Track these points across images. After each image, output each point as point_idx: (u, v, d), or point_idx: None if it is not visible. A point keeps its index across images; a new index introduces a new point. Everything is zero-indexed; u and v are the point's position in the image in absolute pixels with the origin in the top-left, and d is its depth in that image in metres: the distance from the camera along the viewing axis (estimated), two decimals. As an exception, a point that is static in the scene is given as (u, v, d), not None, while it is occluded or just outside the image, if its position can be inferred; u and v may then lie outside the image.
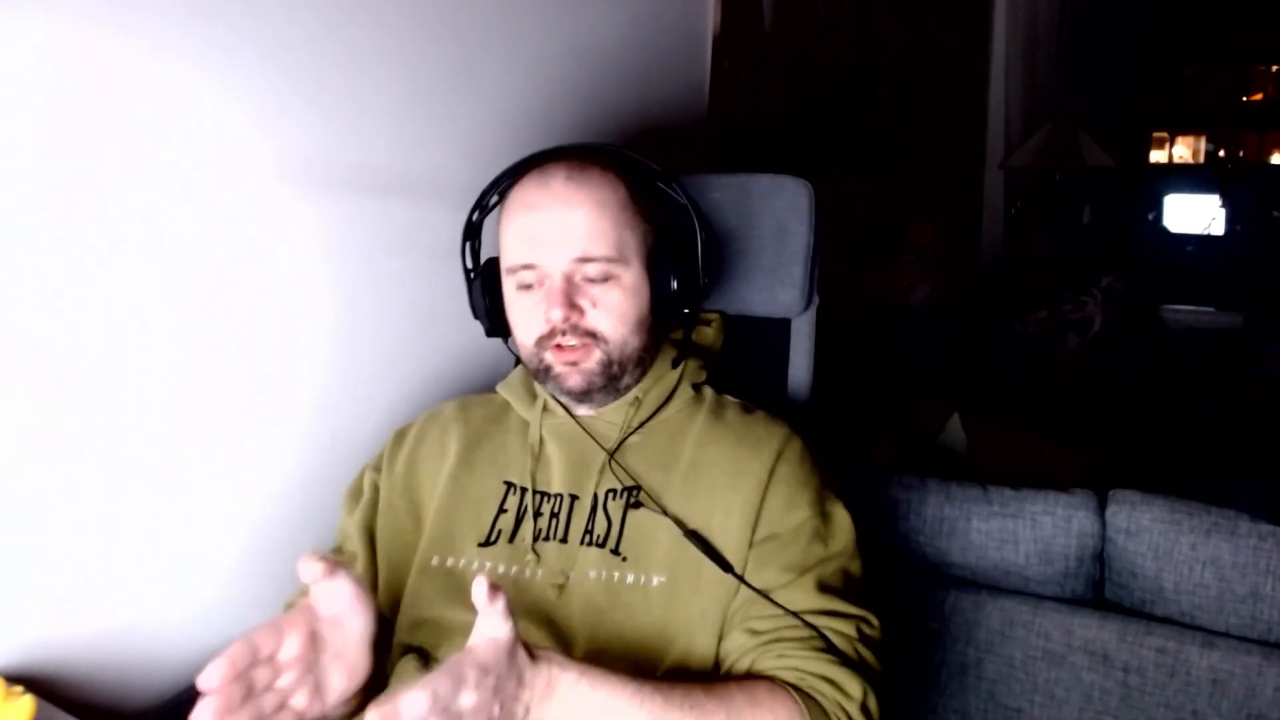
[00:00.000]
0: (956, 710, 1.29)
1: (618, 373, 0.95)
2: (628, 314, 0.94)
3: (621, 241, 0.93)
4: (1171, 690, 1.15)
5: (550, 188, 0.93)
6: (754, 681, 0.82)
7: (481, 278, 1.03)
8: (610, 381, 0.95)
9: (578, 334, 0.93)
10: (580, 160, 0.96)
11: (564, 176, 0.93)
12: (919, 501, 1.31)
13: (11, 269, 0.88)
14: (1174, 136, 5.67)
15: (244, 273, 1.07)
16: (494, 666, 0.68)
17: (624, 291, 0.94)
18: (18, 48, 0.86)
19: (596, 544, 0.92)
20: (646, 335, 0.97)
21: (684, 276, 0.97)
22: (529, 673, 0.71)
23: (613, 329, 0.94)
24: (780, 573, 0.87)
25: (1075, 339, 2.71)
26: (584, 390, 0.95)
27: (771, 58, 2.60)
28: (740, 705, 0.79)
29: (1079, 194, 4.24)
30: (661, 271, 0.97)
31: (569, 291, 0.92)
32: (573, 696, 0.73)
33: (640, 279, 0.95)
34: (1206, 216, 5.35)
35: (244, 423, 1.10)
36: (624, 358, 0.95)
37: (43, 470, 0.93)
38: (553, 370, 0.95)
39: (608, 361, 0.94)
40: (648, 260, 0.96)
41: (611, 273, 0.93)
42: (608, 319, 0.93)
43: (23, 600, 0.93)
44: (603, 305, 0.93)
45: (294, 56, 1.08)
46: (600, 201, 0.93)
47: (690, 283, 0.98)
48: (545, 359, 0.95)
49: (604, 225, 0.92)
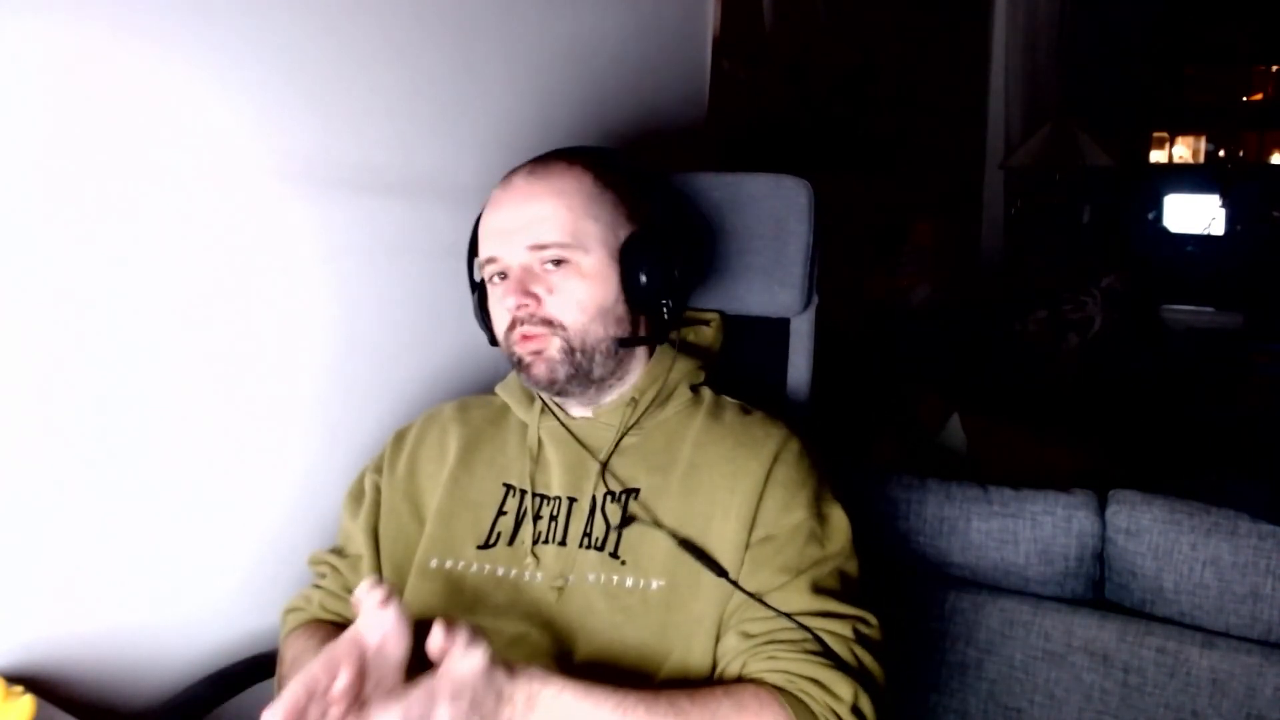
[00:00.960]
0: (956, 710, 1.29)
1: (583, 361, 0.95)
2: (586, 301, 0.94)
3: (578, 229, 0.94)
4: (1171, 690, 1.15)
5: (511, 184, 0.97)
6: (740, 686, 0.82)
7: (481, 289, 1.04)
8: (577, 371, 0.95)
9: (535, 323, 0.94)
10: (547, 158, 0.98)
11: (526, 173, 0.97)
12: (919, 501, 1.31)
13: (12, 270, 0.88)
14: (1174, 136, 5.66)
15: (244, 273, 1.07)
16: (468, 687, 0.69)
17: (582, 278, 0.94)
18: (18, 48, 0.86)
19: (595, 547, 0.92)
20: (614, 325, 0.96)
21: (655, 268, 0.96)
22: (508, 689, 0.72)
23: (571, 317, 0.94)
24: (776, 574, 0.87)
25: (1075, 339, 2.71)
26: (550, 380, 0.95)
27: (771, 58, 2.60)
28: (726, 711, 0.78)
29: (1079, 194, 4.23)
30: (633, 261, 0.96)
31: (524, 280, 0.93)
32: (556, 709, 0.74)
33: (605, 267, 0.95)
34: (1206, 216, 5.35)
35: (244, 423, 1.10)
36: (586, 345, 0.95)
37: (43, 471, 0.93)
38: (522, 361, 0.96)
39: (569, 349, 0.94)
40: (620, 251, 0.96)
41: (566, 258, 0.93)
42: (565, 306, 0.94)
43: (23, 600, 0.93)
44: (559, 292, 0.94)
45: (294, 56, 1.08)
46: (559, 190, 0.94)
47: (664, 275, 0.97)
48: (515, 350, 0.96)
49: (559, 213, 0.94)
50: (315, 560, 1.04)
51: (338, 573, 1.00)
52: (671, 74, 1.77)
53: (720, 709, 0.78)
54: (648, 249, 0.97)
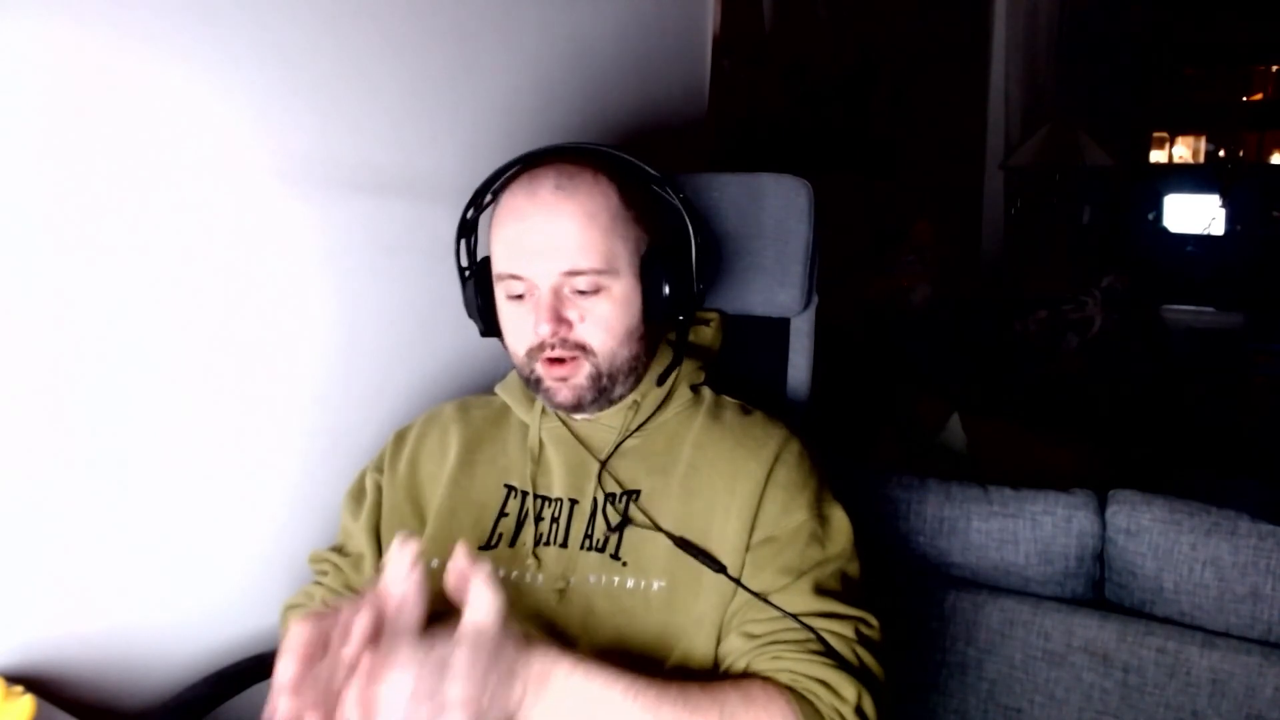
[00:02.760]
0: (956, 710, 1.29)
1: (607, 385, 0.94)
2: (616, 326, 0.93)
3: (611, 252, 0.91)
4: (1171, 690, 1.15)
5: (538, 196, 0.91)
6: (749, 681, 0.82)
7: (475, 276, 1.01)
8: (601, 394, 0.95)
9: (566, 346, 0.92)
10: (571, 166, 0.93)
11: (552, 185, 0.91)
12: (919, 501, 1.31)
13: (12, 270, 0.88)
14: (1174, 136, 5.67)
15: (243, 272, 1.07)
16: (481, 653, 0.69)
17: (614, 303, 0.92)
18: (17, 48, 0.86)
19: (596, 549, 0.92)
20: (638, 344, 0.96)
21: (677, 282, 0.95)
22: (521, 662, 0.72)
23: (601, 342, 0.93)
24: (777, 575, 0.87)
25: (1075, 339, 2.71)
26: (574, 405, 0.95)
27: (771, 58, 2.60)
28: (734, 704, 0.79)
29: (1079, 194, 4.24)
30: (654, 278, 0.95)
31: (556, 305, 0.90)
32: (567, 688, 0.74)
33: (631, 288, 0.94)
34: (1206, 216, 5.35)
35: (244, 423, 1.10)
36: (613, 369, 0.94)
37: (43, 471, 0.93)
38: (543, 384, 0.94)
39: (597, 375, 0.93)
40: (640, 267, 0.95)
41: (601, 284, 0.91)
42: (596, 331, 0.92)
43: (23, 600, 0.93)
44: (591, 318, 0.92)
45: (294, 56, 1.08)
46: (590, 212, 0.90)
47: (684, 288, 0.96)
48: (536, 371, 0.94)
49: (593, 236, 0.90)
50: (315, 559, 1.04)
51: (339, 570, 1.00)
52: (671, 74, 1.77)
53: (728, 700, 0.79)
54: (668, 262, 0.95)
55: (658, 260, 0.95)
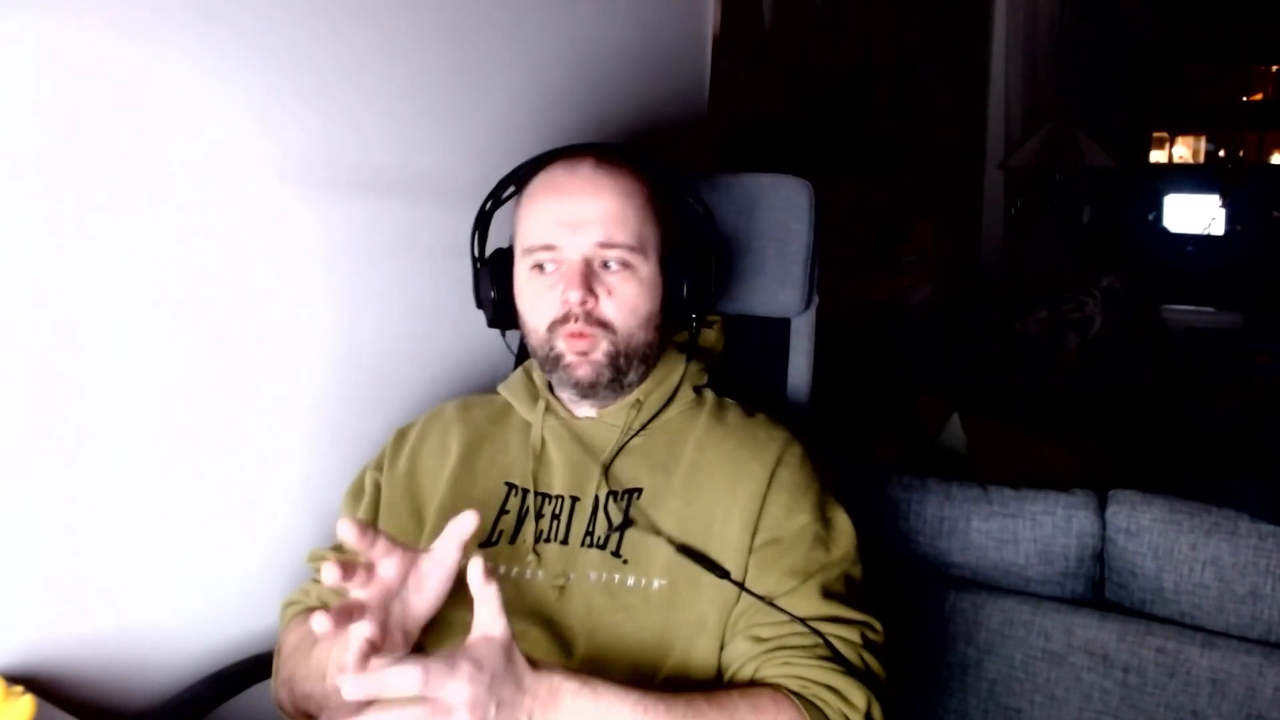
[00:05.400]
0: (956, 710, 1.29)
1: (624, 366, 0.95)
2: (639, 307, 0.95)
3: (642, 234, 0.95)
4: (1171, 690, 1.15)
5: (578, 173, 0.95)
6: (758, 689, 0.82)
7: (489, 266, 1.02)
8: (616, 376, 0.95)
9: (589, 321, 0.93)
10: (608, 153, 0.98)
11: (593, 164, 0.95)
12: (919, 501, 1.31)
13: (12, 270, 0.88)
14: (1174, 136, 5.67)
15: (244, 273, 1.07)
16: (489, 663, 0.69)
17: (639, 284, 0.94)
18: (17, 48, 0.86)
19: (597, 546, 0.92)
20: (654, 333, 0.98)
21: (697, 281, 0.98)
22: (529, 679, 0.72)
23: (623, 321, 0.94)
24: (783, 578, 0.87)
25: (1075, 339, 2.71)
26: (591, 382, 0.95)
27: (771, 58, 2.60)
28: (744, 714, 0.78)
29: (1079, 194, 4.23)
30: (677, 273, 0.98)
31: (587, 275, 0.92)
32: (576, 707, 0.74)
33: (655, 275, 0.96)
34: (1206, 216, 5.35)
35: (244, 423, 1.10)
36: (630, 351, 0.95)
37: (43, 471, 0.93)
38: (563, 359, 0.95)
39: (615, 354, 0.94)
40: (662, 260, 0.97)
41: (630, 262, 0.94)
42: (620, 309, 0.94)
43: (23, 600, 0.93)
44: (617, 295, 0.93)
45: (294, 56, 1.08)
46: (626, 191, 0.94)
47: (702, 288, 0.99)
48: (557, 346, 0.95)
49: (628, 214, 0.93)
50: (315, 557, 1.04)
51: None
52: (671, 74, 1.77)
53: (737, 710, 0.79)
54: (688, 260, 0.99)
55: (681, 257, 0.98)
